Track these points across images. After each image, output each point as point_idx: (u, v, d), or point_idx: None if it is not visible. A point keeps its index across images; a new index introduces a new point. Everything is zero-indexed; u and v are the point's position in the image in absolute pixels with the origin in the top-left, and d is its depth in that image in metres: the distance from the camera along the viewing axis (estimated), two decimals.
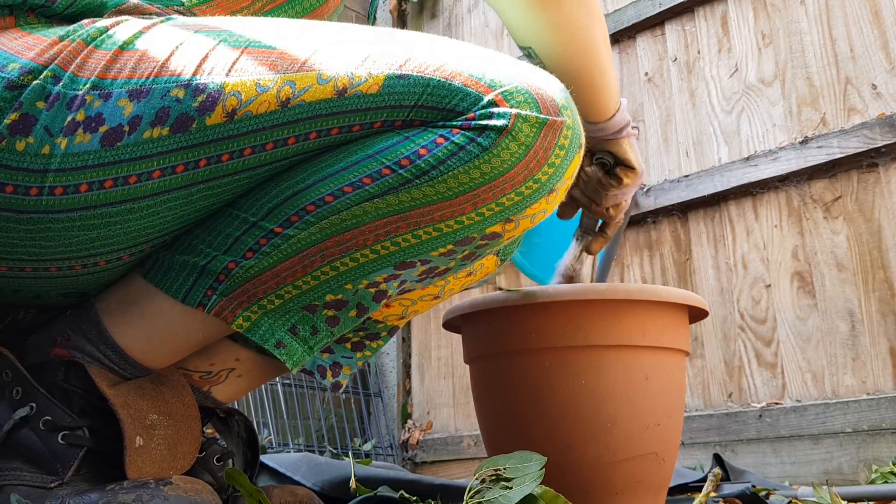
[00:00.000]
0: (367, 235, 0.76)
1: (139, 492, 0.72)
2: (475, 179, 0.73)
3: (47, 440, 0.78)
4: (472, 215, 0.75)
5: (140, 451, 0.79)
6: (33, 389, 0.80)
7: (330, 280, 0.79)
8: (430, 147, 0.72)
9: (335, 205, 0.74)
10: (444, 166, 0.72)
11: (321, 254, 0.77)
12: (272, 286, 0.78)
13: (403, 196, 0.73)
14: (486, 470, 0.91)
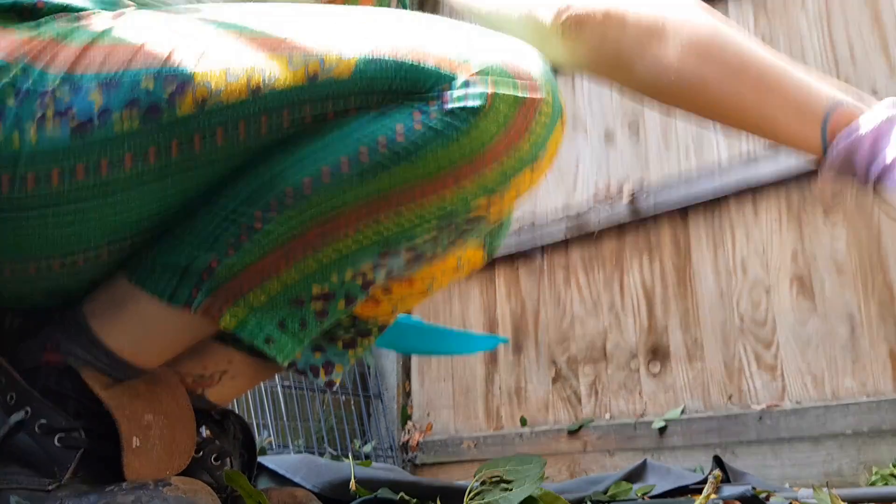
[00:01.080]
0: (348, 223, 0.75)
1: (138, 493, 0.72)
2: (454, 158, 0.72)
3: (44, 443, 0.78)
4: (454, 189, 0.74)
5: (137, 451, 0.79)
6: (27, 394, 0.80)
7: (315, 272, 0.78)
8: (407, 126, 0.71)
9: (314, 187, 0.73)
10: (422, 148, 0.71)
11: (303, 246, 0.76)
12: (257, 282, 0.78)
13: (382, 176, 0.72)
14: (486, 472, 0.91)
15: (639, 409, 2.36)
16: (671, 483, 1.68)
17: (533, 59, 0.75)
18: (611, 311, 2.49)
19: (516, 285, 2.75)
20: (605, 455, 2.37)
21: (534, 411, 2.61)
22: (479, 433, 2.71)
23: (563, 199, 2.69)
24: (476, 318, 2.83)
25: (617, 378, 2.43)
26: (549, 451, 2.47)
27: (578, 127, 2.71)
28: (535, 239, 2.68)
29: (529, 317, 2.69)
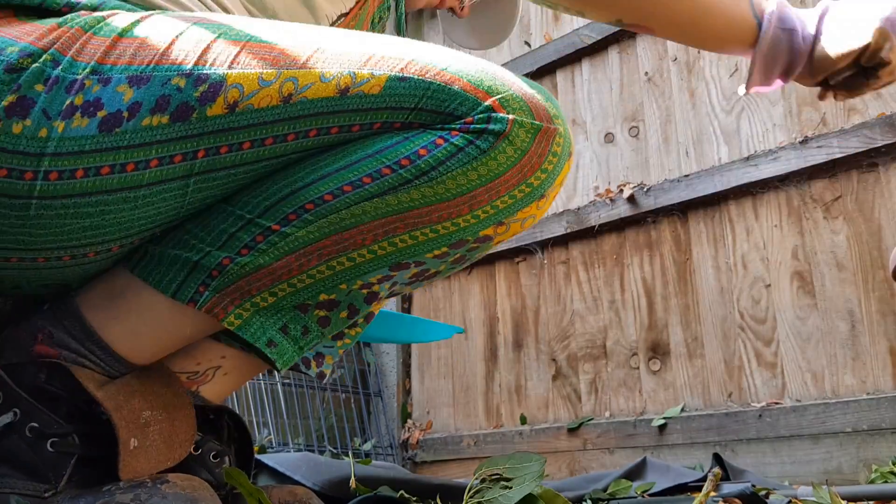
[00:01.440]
0: (365, 235, 0.76)
1: (136, 491, 0.72)
2: (472, 181, 0.74)
3: (36, 448, 0.76)
4: (469, 217, 0.76)
5: (135, 452, 0.77)
6: (14, 393, 0.77)
7: (325, 279, 0.79)
8: (430, 148, 0.73)
9: (334, 203, 0.74)
10: (443, 167, 0.73)
11: (318, 252, 0.77)
12: (266, 283, 0.78)
13: (403, 196, 0.74)
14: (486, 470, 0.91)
15: (639, 406, 2.37)
16: (671, 481, 1.69)
17: (548, 97, 0.78)
18: (611, 307, 2.49)
19: (516, 282, 2.75)
20: (605, 453, 2.37)
21: (534, 409, 2.61)
22: (478, 431, 2.71)
23: (564, 198, 2.69)
24: (476, 314, 2.83)
25: (617, 376, 2.43)
26: (549, 449, 2.47)
27: (578, 126, 2.71)
28: (535, 235, 2.68)
29: (529, 313, 2.69)
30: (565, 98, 2.76)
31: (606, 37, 2.65)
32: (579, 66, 2.75)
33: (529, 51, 2.88)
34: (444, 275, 0.86)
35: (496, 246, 0.83)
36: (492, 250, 1.01)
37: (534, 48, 2.88)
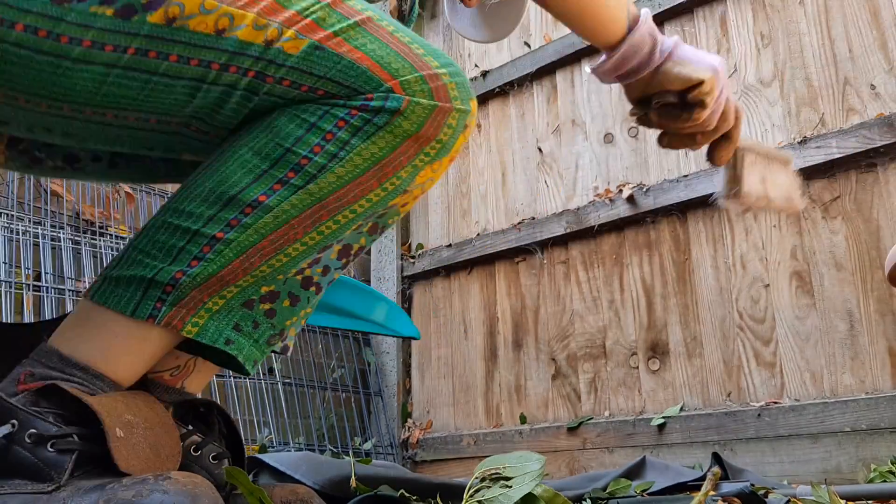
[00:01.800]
0: (296, 230, 0.84)
1: (138, 487, 0.73)
2: (375, 154, 0.83)
3: (36, 452, 0.78)
4: (379, 191, 0.85)
5: (123, 441, 0.79)
6: (10, 407, 0.80)
7: (266, 276, 0.86)
8: (335, 131, 0.82)
9: (269, 203, 0.83)
10: (349, 146, 0.82)
11: (259, 253, 0.84)
12: (216, 289, 0.84)
13: (322, 182, 0.83)
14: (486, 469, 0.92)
15: (638, 406, 2.37)
16: (670, 480, 1.69)
17: (458, 78, 0.87)
18: (610, 307, 2.49)
19: (516, 282, 2.76)
20: (605, 452, 2.37)
21: (533, 408, 2.61)
22: (478, 430, 2.72)
23: (563, 198, 2.69)
24: (476, 314, 2.84)
25: (616, 375, 2.44)
26: (549, 448, 2.48)
27: (578, 127, 2.72)
28: (535, 235, 2.69)
29: (529, 313, 2.69)
30: (565, 98, 2.77)
31: None
32: (579, 66, 2.76)
33: (529, 51, 2.89)
34: (366, 247, 0.95)
35: (404, 212, 0.92)
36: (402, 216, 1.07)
37: (533, 49, 2.88)
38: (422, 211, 3.15)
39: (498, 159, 2.93)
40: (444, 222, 3.06)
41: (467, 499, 0.89)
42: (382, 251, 3.17)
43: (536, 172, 2.79)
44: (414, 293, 3.07)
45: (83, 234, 2.33)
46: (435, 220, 3.10)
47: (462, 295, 2.90)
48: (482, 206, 2.94)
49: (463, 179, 3.03)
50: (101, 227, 2.38)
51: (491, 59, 3.03)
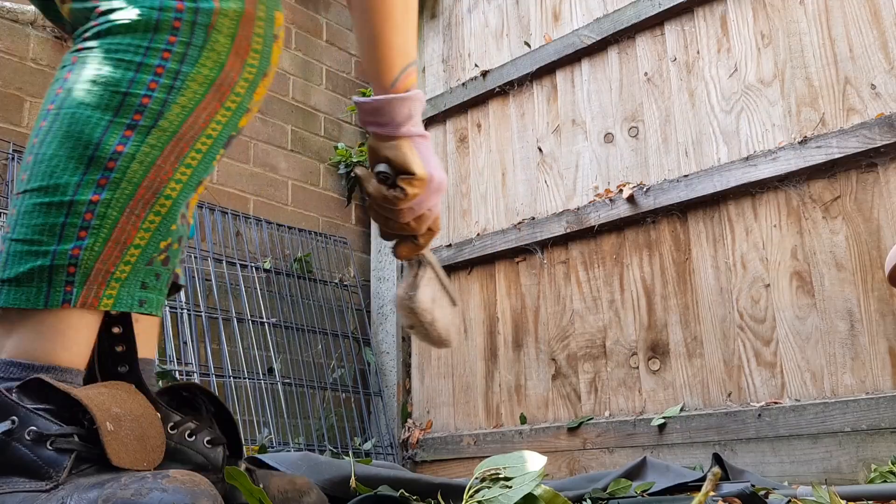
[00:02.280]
0: (164, 169, 0.86)
1: (137, 485, 0.73)
2: (207, 76, 0.87)
3: (36, 450, 0.78)
4: (224, 111, 0.89)
5: (113, 435, 0.80)
6: (11, 404, 0.80)
7: (158, 227, 0.87)
8: (163, 63, 0.85)
9: (128, 151, 0.84)
10: (181, 75, 0.85)
11: (141, 204, 0.85)
12: (118, 255, 0.84)
13: (169, 115, 0.85)
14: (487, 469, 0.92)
15: (638, 406, 2.37)
16: (670, 480, 1.69)
17: None
18: (610, 307, 2.49)
19: (516, 282, 2.76)
20: (605, 452, 2.37)
21: (533, 409, 2.61)
22: (478, 430, 2.72)
23: (563, 198, 2.69)
24: (476, 314, 2.84)
25: (616, 375, 2.43)
26: (549, 449, 2.48)
27: (578, 127, 2.72)
28: (535, 235, 2.68)
29: (529, 313, 2.69)
30: (565, 98, 2.77)
31: (606, 37, 2.66)
32: (579, 66, 2.75)
33: (529, 51, 2.89)
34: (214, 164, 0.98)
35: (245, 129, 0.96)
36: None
37: (534, 48, 2.88)
38: None
39: (498, 159, 2.92)
40: (443, 222, 3.06)
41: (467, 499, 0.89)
42: (382, 251, 3.17)
43: (536, 172, 2.79)
44: None
45: None
46: None
47: (462, 295, 2.90)
48: (482, 206, 2.94)
49: (463, 179, 3.03)
50: None
51: (491, 59, 3.03)
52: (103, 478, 0.76)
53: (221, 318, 2.59)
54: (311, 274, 2.97)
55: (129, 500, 0.71)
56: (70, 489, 0.76)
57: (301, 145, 3.15)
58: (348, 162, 3.21)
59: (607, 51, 2.68)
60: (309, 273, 2.96)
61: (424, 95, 1.09)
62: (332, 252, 3.10)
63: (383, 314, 3.09)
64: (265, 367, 2.68)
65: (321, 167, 3.20)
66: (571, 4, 2.82)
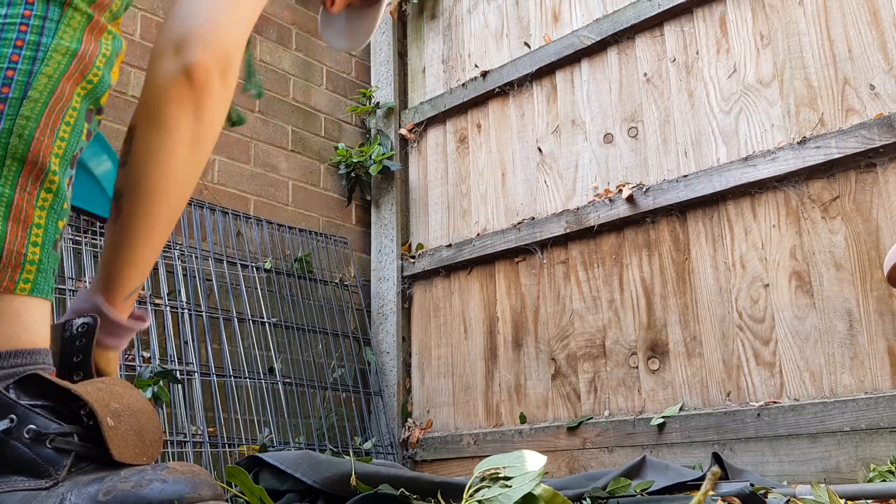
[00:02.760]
0: (43, 142, 0.85)
1: (137, 478, 0.73)
2: (69, 47, 0.88)
3: (35, 448, 0.79)
4: (85, 83, 0.90)
5: (113, 430, 0.80)
6: (10, 402, 0.80)
7: (52, 204, 0.86)
8: (21, 36, 0.86)
9: (4, 126, 0.83)
10: (42, 45, 0.87)
11: (31, 180, 0.84)
12: (23, 235, 0.84)
13: (37, 86, 0.85)
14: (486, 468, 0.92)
15: (638, 405, 2.37)
16: (670, 479, 1.69)
17: None
18: (610, 307, 2.50)
19: (516, 282, 2.76)
20: (604, 452, 2.38)
21: (533, 408, 2.61)
22: (478, 430, 2.72)
23: (563, 198, 2.69)
24: (476, 314, 2.84)
25: (616, 375, 2.44)
26: (549, 448, 2.48)
27: (578, 127, 2.72)
28: (534, 235, 2.69)
29: (529, 313, 2.70)
30: (565, 98, 2.77)
31: (605, 38, 2.66)
32: (578, 66, 2.76)
33: (529, 52, 2.89)
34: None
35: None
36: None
37: (533, 49, 2.88)
38: (422, 211, 3.16)
39: (498, 159, 2.93)
40: (444, 222, 3.06)
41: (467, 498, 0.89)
42: (382, 251, 3.17)
43: (536, 172, 2.79)
44: (414, 293, 3.07)
45: (84, 233, 2.33)
46: (435, 220, 3.10)
47: (462, 295, 2.90)
48: (482, 206, 2.94)
49: (463, 179, 3.03)
50: (101, 227, 2.38)
51: (491, 60, 3.03)
52: (102, 473, 0.77)
53: (222, 318, 2.60)
54: (311, 274, 2.97)
55: (130, 492, 0.72)
56: (69, 486, 0.76)
57: (301, 145, 3.15)
58: (348, 162, 3.22)
59: (607, 51, 2.69)
60: (309, 273, 2.96)
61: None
62: (332, 252, 3.11)
63: (383, 314, 3.09)
64: (266, 366, 2.68)
65: (321, 167, 3.21)
66: (571, 5, 2.82)
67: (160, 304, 2.42)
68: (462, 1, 3.22)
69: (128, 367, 2.21)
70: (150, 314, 2.36)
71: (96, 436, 0.80)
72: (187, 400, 2.34)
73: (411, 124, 3.24)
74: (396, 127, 3.28)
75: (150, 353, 2.30)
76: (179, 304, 2.47)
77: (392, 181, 3.21)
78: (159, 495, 0.71)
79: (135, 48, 2.66)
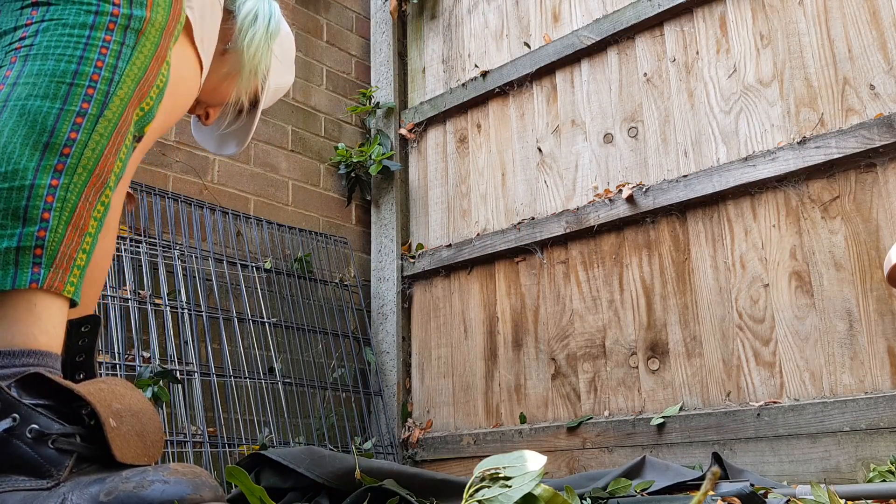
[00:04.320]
0: (110, 159, 0.90)
1: (139, 479, 0.73)
2: (137, 74, 0.95)
3: (37, 448, 0.79)
4: (139, 111, 0.95)
5: (116, 430, 0.80)
6: (12, 401, 0.80)
7: (103, 216, 0.91)
8: (101, 58, 0.90)
9: (80, 138, 0.87)
10: (119, 69, 0.92)
11: (94, 190, 0.88)
12: (77, 241, 0.87)
13: (112, 106, 0.90)
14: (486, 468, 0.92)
15: (637, 405, 2.37)
16: (670, 479, 1.69)
17: None
18: (610, 307, 2.50)
19: (516, 282, 2.76)
20: (604, 452, 2.38)
21: (533, 408, 2.62)
22: (478, 430, 2.72)
23: (563, 198, 2.69)
24: (476, 314, 2.84)
25: (616, 375, 2.44)
26: (549, 448, 2.48)
27: (578, 127, 2.72)
28: (534, 235, 2.69)
29: (529, 313, 2.70)
30: (564, 98, 2.77)
31: (605, 38, 2.66)
32: (578, 66, 2.76)
33: (529, 52, 2.89)
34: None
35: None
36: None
37: (533, 49, 2.88)
38: (422, 211, 3.16)
39: (498, 159, 2.93)
40: (444, 222, 3.06)
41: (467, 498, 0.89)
42: (382, 251, 3.17)
43: (536, 172, 2.79)
44: (414, 293, 3.07)
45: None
46: (435, 220, 3.10)
47: (462, 295, 2.90)
48: (482, 206, 2.94)
49: (463, 179, 3.03)
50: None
51: (491, 60, 3.03)
52: (103, 473, 0.77)
53: (222, 318, 2.60)
54: (311, 274, 2.97)
55: (132, 492, 0.72)
56: (71, 486, 0.76)
57: (301, 145, 3.15)
58: (348, 162, 3.22)
59: (607, 51, 2.69)
60: (309, 273, 2.96)
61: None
62: (332, 252, 3.11)
63: (383, 314, 3.09)
64: (266, 366, 2.68)
65: (321, 167, 3.21)
66: (571, 5, 2.82)
67: (160, 304, 2.42)
68: (462, 1, 3.22)
69: (128, 367, 2.21)
70: (150, 314, 2.36)
71: (98, 436, 0.80)
72: (187, 400, 2.34)
73: (411, 124, 3.24)
74: (396, 127, 3.28)
75: (150, 353, 2.31)
76: (179, 304, 2.47)
77: (392, 181, 3.21)
78: (160, 496, 0.72)
79: None
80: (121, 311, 2.28)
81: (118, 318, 2.25)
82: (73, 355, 0.96)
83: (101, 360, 2.15)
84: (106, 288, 2.28)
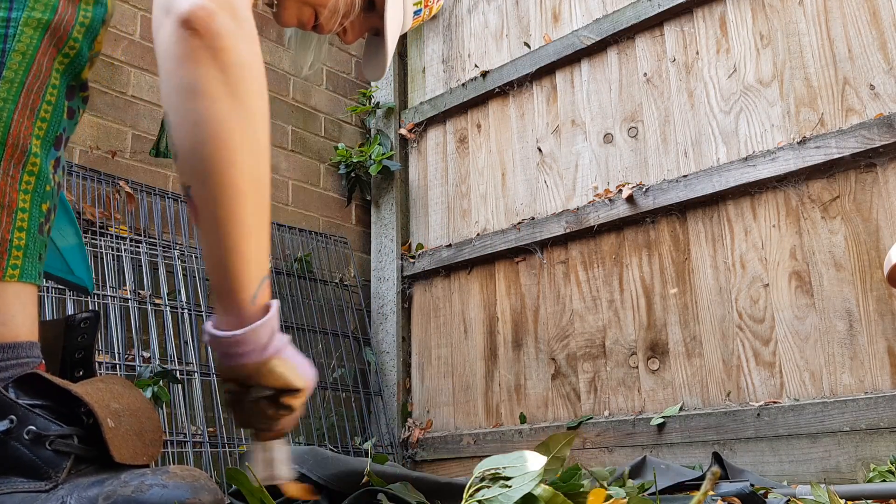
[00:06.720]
0: (24, 124, 0.83)
1: (137, 482, 0.73)
2: (41, 19, 0.86)
3: (35, 450, 0.78)
4: (62, 58, 0.87)
5: (114, 431, 0.80)
6: (10, 403, 0.80)
7: (36, 187, 0.85)
8: None
9: None
10: (12, 21, 0.84)
11: (13, 164, 0.82)
12: (8, 220, 0.82)
13: (11, 65, 0.83)
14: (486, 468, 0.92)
15: (637, 405, 2.37)
16: (670, 479, 1.69)
17: None
18: (610, 307, 2.50)
19: (516, 282, 2.76)
20: (604, 451, 2.38)
21: (533, 408, 2.62)
22: (478, 430, 2.72)
23: (563, 198, 2.69)
24: (476, 314, 2.84)
25: (616, 375, 2.44)
26: None
27: (578, 127, 2.72)
28: (534, 235, 2.69)
29: (529, 313, 2.70)
30: (564, 98, 2.77)
31: (605, 38, 2.66)
32: (578, 66, 2.76)
33: (529, 52, 2.89)
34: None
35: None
36: None
37: (533, 49, 2.88)
38: (422, 211, 3.16)
39: (498, 159, 2.93)
40: (444, 222, 3.06)
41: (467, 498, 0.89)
42: (382, 251, 3.17)
43: (536, 172, 2.79)
44: (414, 293, 3.07)
45: (83, 234, 2.33)
46: (435, 220, 3.10)
47: (462, 295, 2.90)
48: (482, 206, 2.94)
49: (463, 179, 3.03)
50: (101, 227, 2.38)
51: (491, 60, 3.03)
52: (102, 475, 0.77)
53: None
54: (311, 274, 2.97)
55: (130, 497, 0.72)
56: (69, 488, 0.76)
57: (301, 145, 3.15)
58: (348, 162, 3.22)
59: (607, 51, 2.69)
60: (309, 273, 2.96)
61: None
62: (332, 252, 3.11)
63: (383, 314, 3.09)
64: None
65: (321, 167, 3.21)
66: (571, 5, 2.82)
67: (160, 304, 2.42)
68: (462, 1, 3.22)
69: (128, 367, 2.21)
70: (150, 314, 2.36)
71: (96, 437, 0.80)
72: (187, 400, 2.34)
73: (411, 124, 3.24)
74: (396, 127, 3.28)
75: (150, 353, 2.31)
76: (179, 303, 2.47)
77: (392, 181, 3.21)
78: (159, 500, 0.71)
79: (135, 48, 2.65)
80: (121, 311, 2.28)
81: (118, 318, 2.25)
82: (71, 352, 0.95)
83: (101, 360, 2.15)
84: (106, 288, 2.28)
